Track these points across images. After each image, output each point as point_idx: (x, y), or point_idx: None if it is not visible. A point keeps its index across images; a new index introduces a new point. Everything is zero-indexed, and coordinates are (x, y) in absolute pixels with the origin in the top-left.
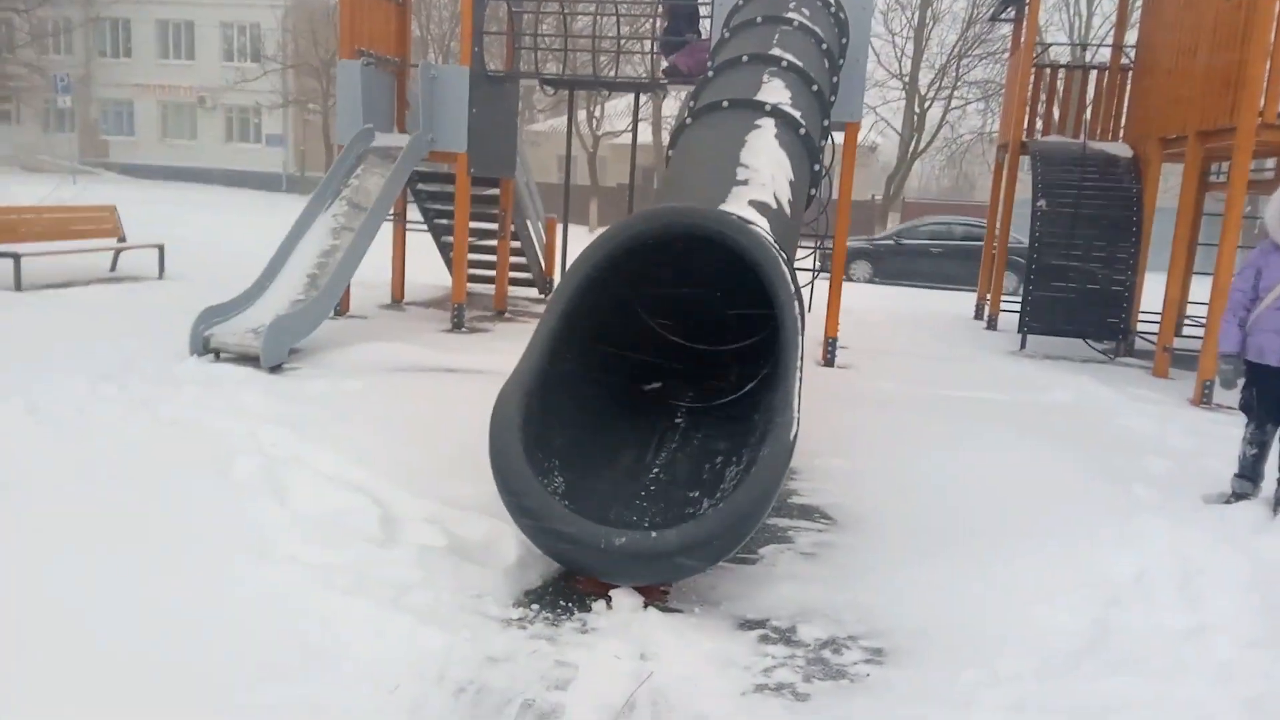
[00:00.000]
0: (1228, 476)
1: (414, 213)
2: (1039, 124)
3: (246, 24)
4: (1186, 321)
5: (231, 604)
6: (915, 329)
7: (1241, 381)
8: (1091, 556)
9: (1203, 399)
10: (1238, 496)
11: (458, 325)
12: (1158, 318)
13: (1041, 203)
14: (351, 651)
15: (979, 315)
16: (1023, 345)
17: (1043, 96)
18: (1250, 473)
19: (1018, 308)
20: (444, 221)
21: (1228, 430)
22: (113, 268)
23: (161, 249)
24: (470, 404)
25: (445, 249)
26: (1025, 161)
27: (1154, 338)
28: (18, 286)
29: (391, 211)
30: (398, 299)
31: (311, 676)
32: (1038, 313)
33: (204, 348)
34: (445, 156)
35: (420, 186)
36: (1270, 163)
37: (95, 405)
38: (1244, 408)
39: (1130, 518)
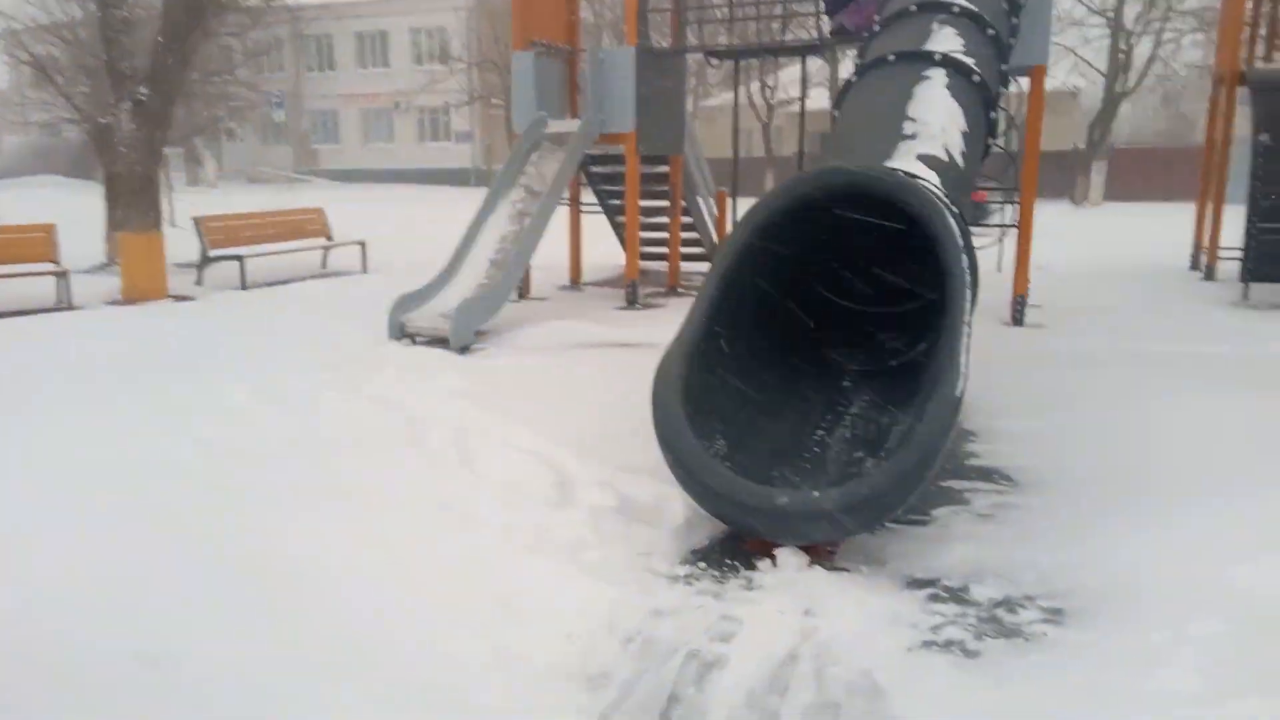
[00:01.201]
0: None
1: (588, 195)
2: (1260, 49)
3: (433, 28)
4: None
5: (429, 562)
6: (1119, 283)
7: None
8: None
9: None
10: None
11: (632, 302)
12: None
13: (1264, 137)
14: (531, 604)
15: (1195, 264)
16: (1245, 295)
17: (1265, 17)
18: None
19: (1239, 255)
20: (617, 202)
21: None
22: (323, 264)
23: (364, 245)
24: (641, 376)
25: (620, 229)
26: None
27: None
28: (243, 285)
29: (566, 195)
30: (575, 280)
31: (496, 627)
32: (1261, 258)
33: (401, 332)
34: (615, 138)
35: (593, 169)
36: None
37: (309, 387)
38: None
39: None
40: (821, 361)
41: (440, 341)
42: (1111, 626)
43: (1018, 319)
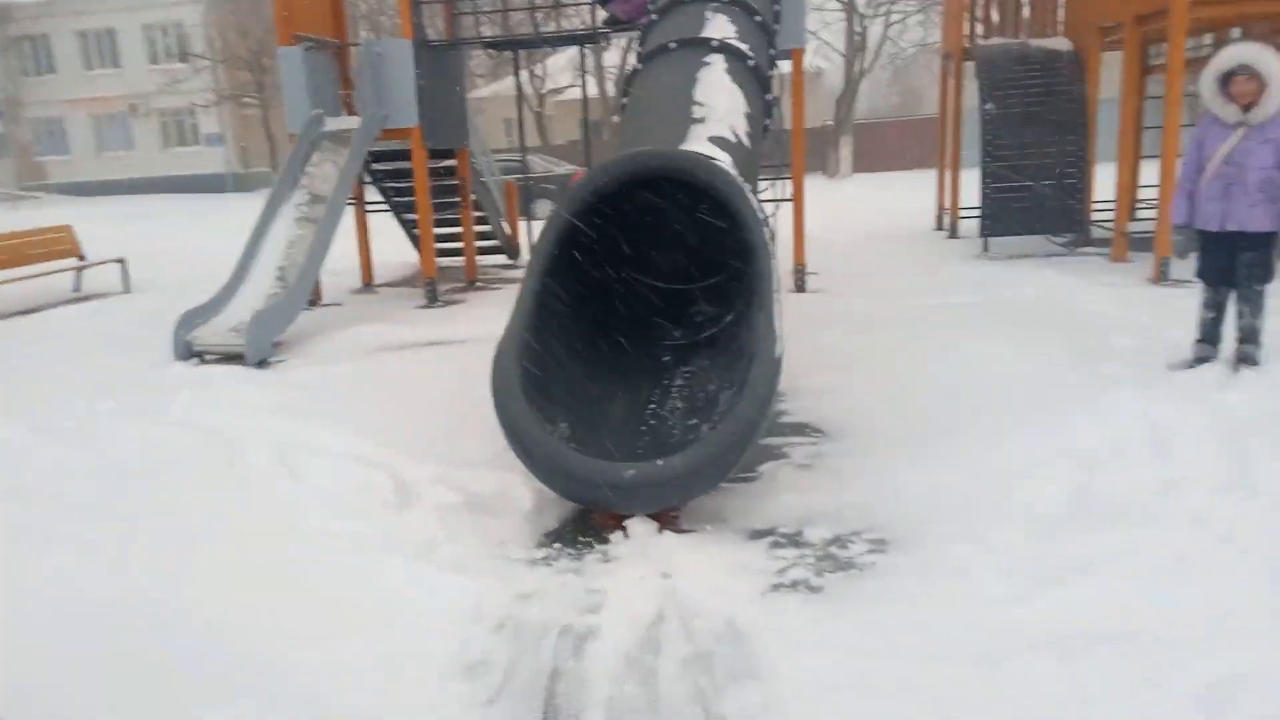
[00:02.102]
0: (1190, 344)
1: (371, 193)
2: (979, 29)
3: (169, 24)
4: (1139, 205)
5: (279, 579)
6: (879, 246)
7: (1195, 251)
8: (1068, 431)
9: (1161, 276)
10: (1200, 360)
11: (432, 300)
12: (1112, 205)
13: (989, 106)
14: (394, 605)
15: (940, 225)
16: (985, 249)
17: (980, 1)
18: (1209, 335)
19: (977, 214)
20: (404, 199)
21: (1186, 303)
22: (76, 288)
23: (124, 263)
24: (459, 371)
25: (408, 226)
26: (971, 69)
27: (1110, 225)
28: None
29: (350, 195)
30: (367, 282)
31: (364, 631)
32: (996, 215)
33: (188, 351)
34: (398, 133)
35: (375, 166)
36: (1207, 39)
37: (96, 419)
38: (1198, 274)
39: (1101, 392)
40: (642, 338)
41: (234, 358)
42: (927, 548)
43: (800, 286)
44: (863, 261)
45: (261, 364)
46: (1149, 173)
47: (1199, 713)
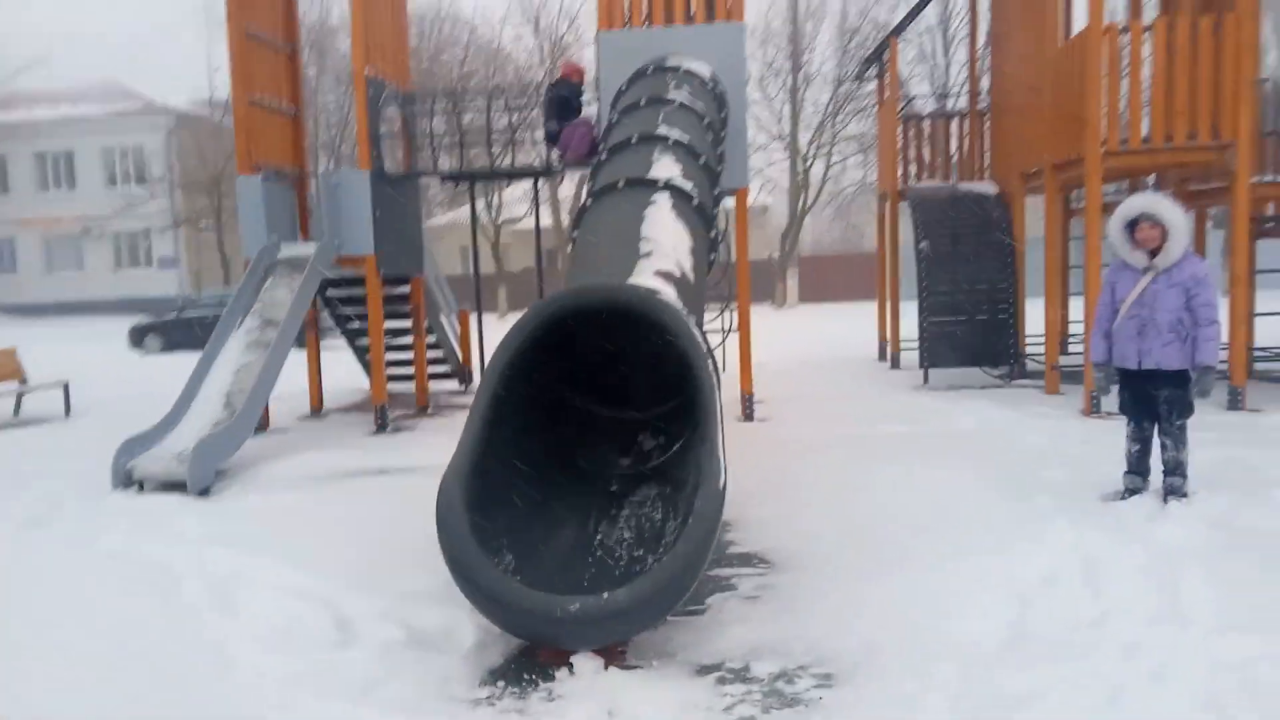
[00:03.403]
0: (1120, 476)
1: (324, 318)
2: (913, 170)
3: (129, 148)
4: (1069, 340)
5: None
6: (825, 375)
7: (1116, 386)
8: (1006, 563)
9: (1092, 409)
10: (1130, 492)
11: (382, 427)
12: (1044, 339)
13: (924, 244)
14: None
15: (882, 356)
16: (925, 380)
17: (913, 144)
18: (1137, 468)
19: (917, 346)
20: (357, 325)
21: (1116, 435)
22: (16, 411)
23: (66, 387)
24: (406, 501)
25: (361, 352)
26: (906, 208)
27: (1043, 358)
28: None
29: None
30: (316, 408)
31: None
32: (934, 348)
33: (128, 480)
34: (354, 260)
35: (330, 293)
36: (1124, 184)
37: (26, 551)
38: (1122, 409)
39: (1036, 524)
40: (591, 467)
41: (176, 486)
42: (872, 683)
43: (748, 414)
44: (809, 390)
45: (204, 493)
46: (1078, 308)
47: None
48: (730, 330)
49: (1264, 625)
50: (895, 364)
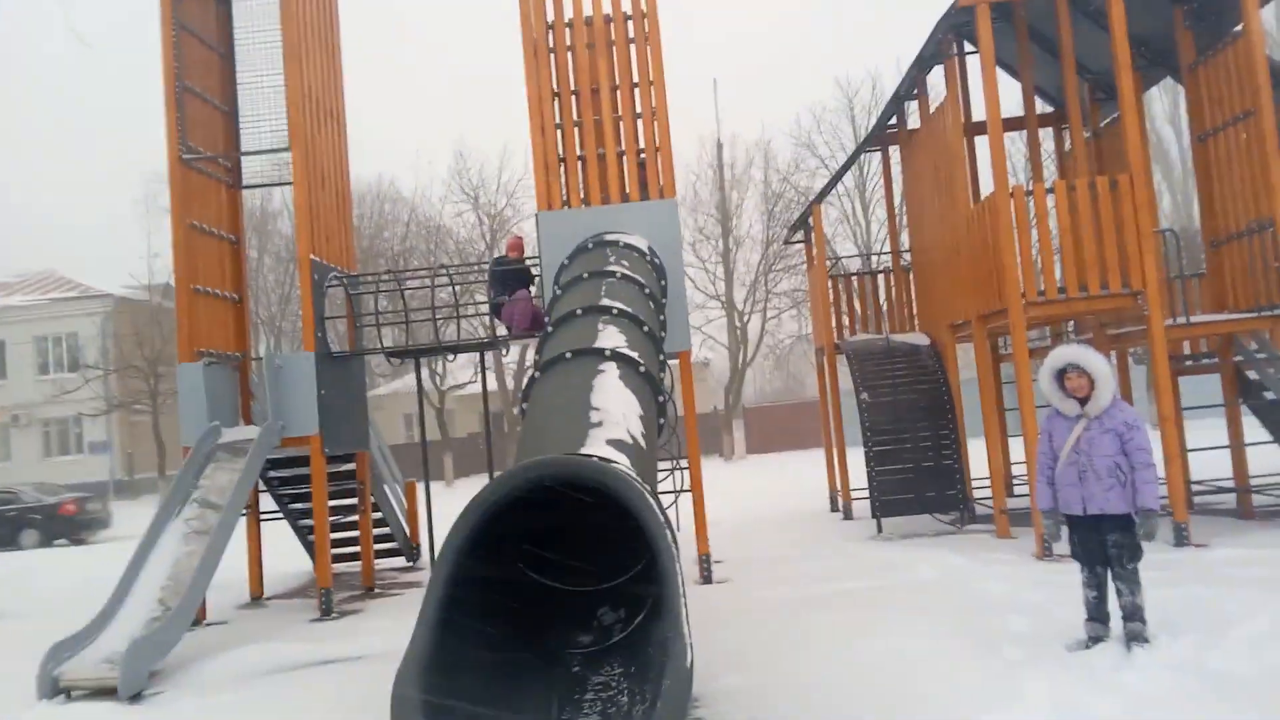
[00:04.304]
0: (1080, 623)
1: (265, 501)
2: (847, 323)
3: (62, 334)
4: (1016, 481)
5: None
6: (781, 531)
7: (1065, 531)
8: None
9: (1044, 552)
10: (1094, 639)
11: (327, 612)
12: (989, 483)
13: (864, 395)
14: None
15: (834, 506)
16: (879, 529)
17: (843, 300)
18: (1097, 614)
19: (867, 493)
20: (300, 505)
21: (1071, 578)
22: None
23: None
24: (355, 695)
25: (303, 533)
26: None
27: (991, 502)
28: None
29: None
30: (257, 595)
31: None
32: (884, 497)
33: (54, 689)
34: (298, 441)
35: (271, 474)
36: (1048, 331)
37: None
38: (1074, 555)
39: (1008, 680)
40: (551, 648)
41: (107, 692)
42: None
43: (706, 577)
44: (766, 548)
45: (136, 698)
46: (1018, 449)
47: None
48: (681, 490)
49: None
50: (848, 514)
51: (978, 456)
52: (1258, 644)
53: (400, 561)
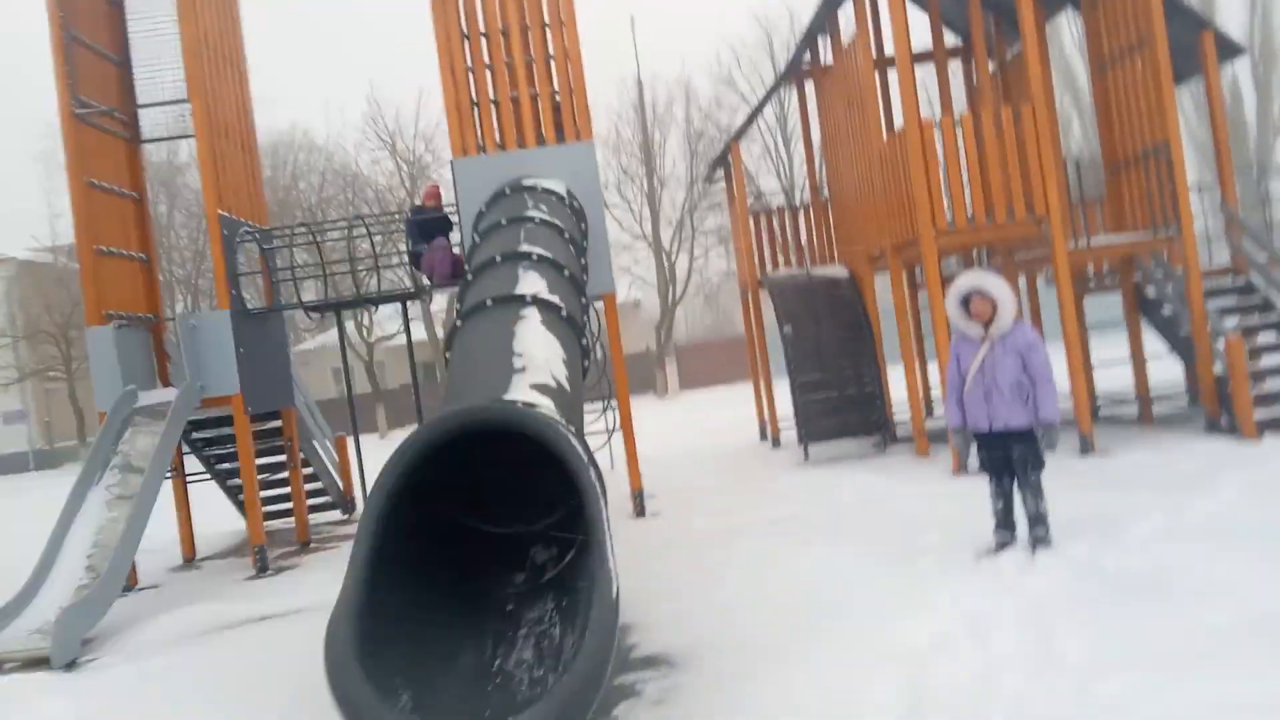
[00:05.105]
0: (990, 532)
1: (192, 463)
2: (769, 259)
3: None
4: (933, 403)
5: None
6: (712, 463)
7: (975, 447)
8: (897, 632)
9: (960, 468)
10: (1001, 546)
11: (262, 569)
12: (909, 406)
13: (787, 328)
14: None
15: (764, 436)
16: (806, 456)
17: (766, 236)
18: (1003, 522)
19: (794, 423)
20: (228, 465)
21: (985, 492)
22: None
23: None
24: (294, 648)
25: (233, 493)
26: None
27: (910, 424)
28: None
29: (169, 467)
30: (190, 557)
31: None
32: (809, 425)
33: None
34: (219, 400)
35: (195, 436)
36: (960, 258)
37: None
38: (982, 468)
39: (921, 590)
40: (485, 589)
41: (39, 662)
42: None
43: (640, 511)
44: (697, 479)
45: (70, 666)
46: (936, 373)
47: None
48: (613, 430)
49: (1135, 664)
50: (776, 443)
51: (898, 382)
52: (1149, 542)
53: (336, 515)
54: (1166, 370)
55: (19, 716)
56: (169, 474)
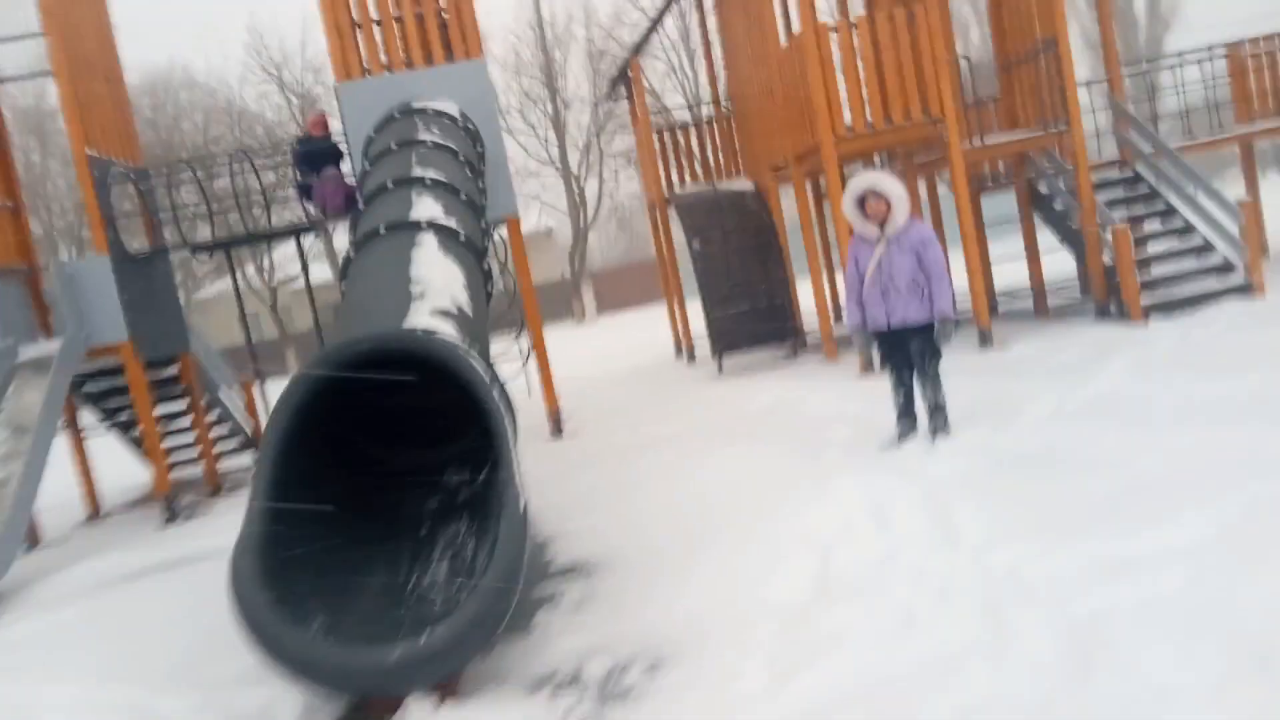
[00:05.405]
0: (893, 425)
1: (87, 416)
2: (676, 177)
3: None
4: (840, 309)
5: None
6: (628, 381)
7: (876, 345)
8: (804, 521)
9: (867, 368)
10: (903, 436)
11: (171, 517)
12: (817, 314)
13: (695, 244)
14: None
15: (679, 353)
16: (720, 369)
17: (671, 153)
18: (905, 413)
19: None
20: (127, 416)
21: (888, 390)
22: None
23: None
24: (209, 587)
25: (137, 443)
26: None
27: (819, 331)
28: None
29: (61, 422)
30: (95, 512)
31: None
32: (721, 337)
33: None
34: (108, 350)
35: (87, 389)
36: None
37: None
38: (883, 364)
39: (828, 481)
40: (398, 512)
41: None
42: (698, 660)
43: (557, 431)
44: (614, 398)
45: None
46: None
47: None
48: (528, 354)
49: (1024, 533)
50: (691, 359)
51: (806, 291)
52: (1041, 423)
53: (248, 460)
54: (1060, 264)
55: None
56: (62, 427)
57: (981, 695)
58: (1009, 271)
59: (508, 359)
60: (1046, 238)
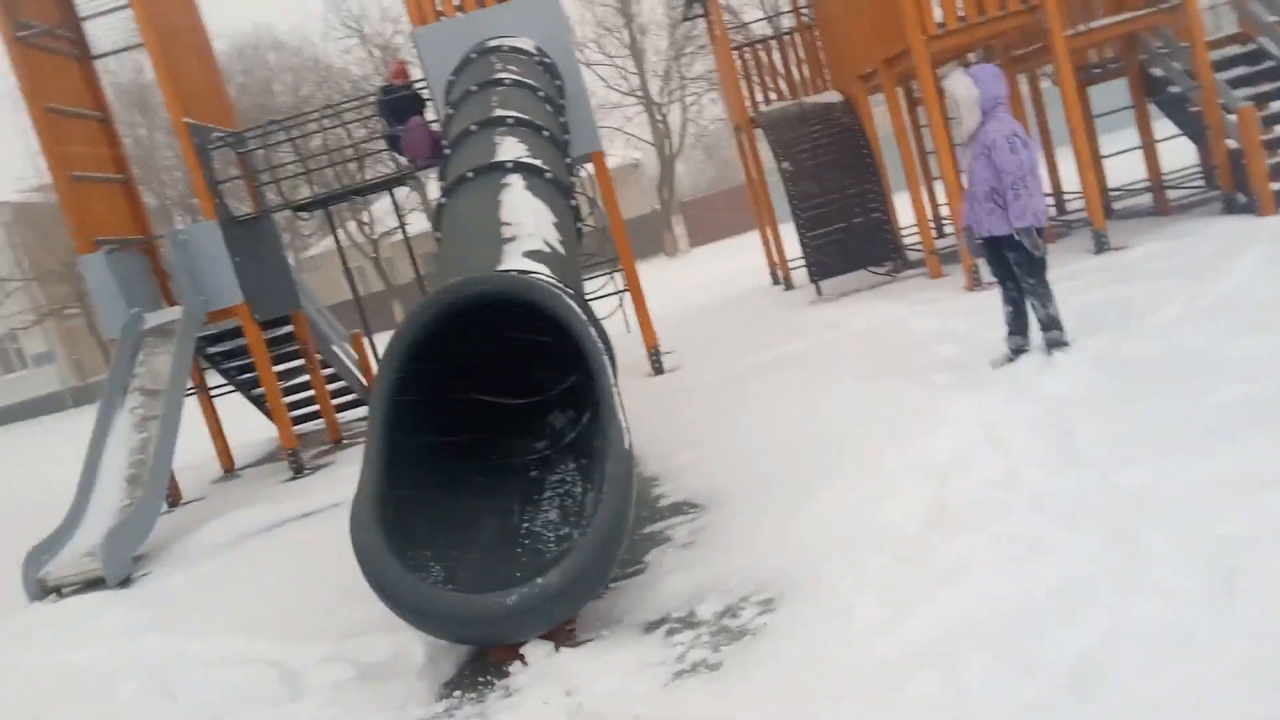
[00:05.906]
0: (1004, 340)
1: (214, 377)
2: (759, 97)
3: None
4: (943, 223)
5: None
6: (726, 313)
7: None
8: (917, 449)
9: (974, 283)
10: (1016, 352)
11: (298, 471)
12: (917, 229)
13: (785, 164)
14: None
15: (775, 280)
16: (819, 293)
17: (754, 71)
18: (1016, 327)
19: (804, 263)
20: (248, 375)
21: (997, 303)
22: None
23: None
24: (336, 538)
25: (259, 402)
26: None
27: (921, 247)
28: None
29: (191, 384)
30: (229, 468)
31: None
32: (817, 261)
33: (42, 590)
34: (226, 313)
35: (211, 351)
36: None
37: None
38: (992, 274)
39: (939, 403)
40: (505, 457)
41: (96, 583)
42: (811, 596)
43: (657, 368)
44: (712, 330)
45: (125, 583)
46: (944, 192)
47: (1070, 691)
48: (622, 292)
49: (1154, 450)
50: (789, 285)
51: (905, 205)
52: (1169, 328)
53: (364, 410)
54: (1180, 154)
55: (84, 633)
56: (191, 390)
57: (1113, 626)
58: (1124, 167)
59: (602, 297)
60: (1163, 127)
